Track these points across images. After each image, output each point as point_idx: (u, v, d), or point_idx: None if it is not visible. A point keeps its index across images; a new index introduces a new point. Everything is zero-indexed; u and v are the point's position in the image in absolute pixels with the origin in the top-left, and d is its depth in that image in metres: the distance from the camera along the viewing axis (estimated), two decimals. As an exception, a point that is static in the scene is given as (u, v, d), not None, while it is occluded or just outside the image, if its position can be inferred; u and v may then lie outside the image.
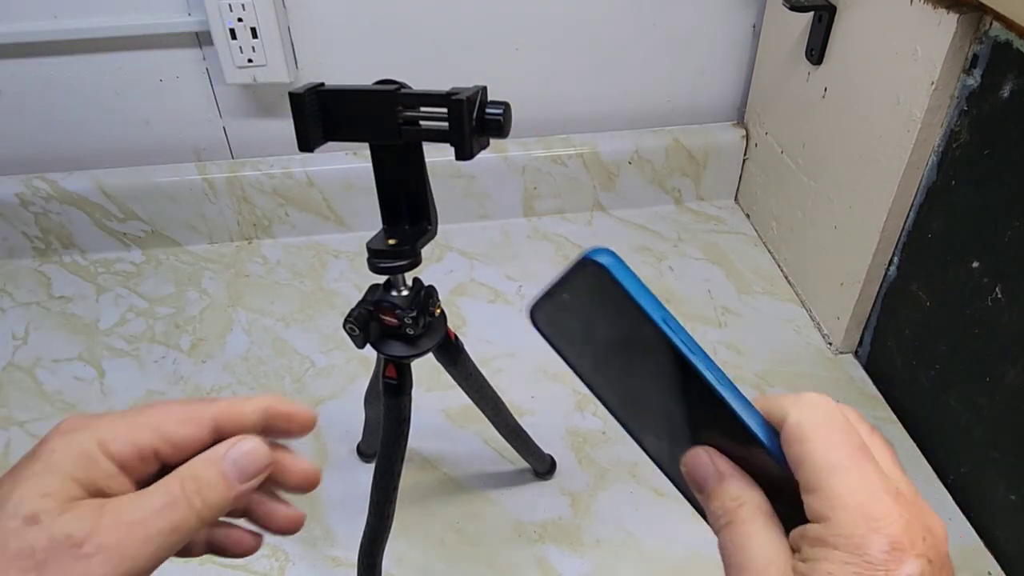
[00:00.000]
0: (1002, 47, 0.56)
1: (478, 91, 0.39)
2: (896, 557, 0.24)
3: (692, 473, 0.29)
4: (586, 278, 0.27)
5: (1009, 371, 0.58)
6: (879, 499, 0.25)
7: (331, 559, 0.61)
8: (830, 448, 0.26)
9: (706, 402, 0.28)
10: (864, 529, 0.24)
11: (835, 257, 0.77)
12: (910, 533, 0.25)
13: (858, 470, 0.25)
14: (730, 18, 0.90)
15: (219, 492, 0.27)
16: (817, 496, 0.25)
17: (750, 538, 0.27)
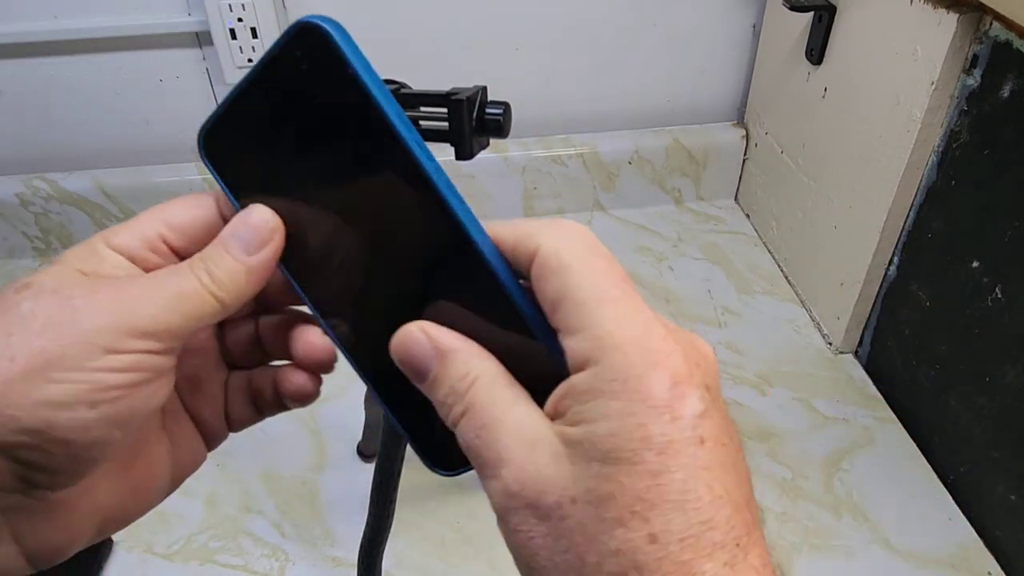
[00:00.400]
0: (1002, 47, 0.56)
1: (478, 91, 0.39)
2: (679, 393, 0.20)
3: (406, 360, 0.23)
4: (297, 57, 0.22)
5: (1009, 371, 0.58)
6: (654, 330, 0.21)
7: (331, 559, 0.61)
8: (596, 277, 0.21)
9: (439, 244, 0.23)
10: (642, 367, 0.20)
11: (835, 257, 0.77)
12: (687, 362, 0.21)
13: (628, 300, 0.21)
14: (730, 18, 0.90)
15: (226, 268, 0.24)
16: (583, 336, 0.21)
17: (498, 421, 0.22)
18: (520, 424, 0.21)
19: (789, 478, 0.66)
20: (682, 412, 0.20)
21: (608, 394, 0.20)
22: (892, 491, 0.65)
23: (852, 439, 0.70)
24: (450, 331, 0.23)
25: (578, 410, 0.20)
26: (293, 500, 0.65)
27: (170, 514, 0.64)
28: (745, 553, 0.20)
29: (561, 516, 0.20)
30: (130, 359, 0.22)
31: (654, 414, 0.20)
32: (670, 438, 0.20)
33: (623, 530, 0.19)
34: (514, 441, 0.21)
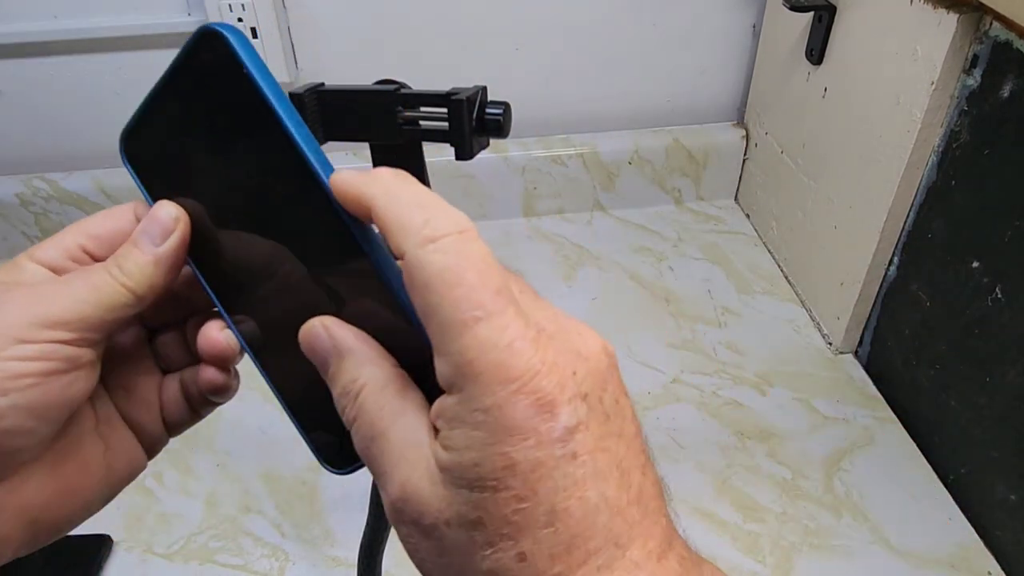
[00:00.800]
0: (1002, 47, 0.56)
1: (478, 91, 0.39)
2: (545, 416, 0.20)
3: (308, 352, 0.24)
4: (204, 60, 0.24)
5: (1009, 371, 0.58)
6: (516, 352, 0.20)
7: (331, 559, 0.61)
8: (461, 297, 0.20)
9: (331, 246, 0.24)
10: (503, 396, 0.20)
11: (835, 257, 0.77)
12: (555, 376, 0.20)
13: (492, 320, 0.20)
14: (730, 18, 0.90)
15: (134, 259, 0.25)
16: (448, 361, 0.21)
17: (382, 435, 0.22)
18: (403, 441, 0.22)
19: (789, 478, 0.66)
20: (549, 435, 0.20)
21: (471, 424, 0.20)
22: (892, 491, 0.65)
23: (852, 439, 0.70)
24: (351, 330, 0.24)
25: (447, 435, 0.21)
26: (293, 500, 0.65)
27: (170, 514, 0.64)
28: (624, 550, 0.21)
29: (439, 536, 0.21)
30: (40, 348, 0.23)
31: (516, 441, 0.20)
32: (536, 462, 0.20)
33: (493, 551, 0.20)
34: (397, 458, 0.22)
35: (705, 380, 0.75)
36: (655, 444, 0.69)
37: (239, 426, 0.71)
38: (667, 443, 0.69)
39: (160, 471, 0.67)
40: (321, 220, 0.24)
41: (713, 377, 0.76)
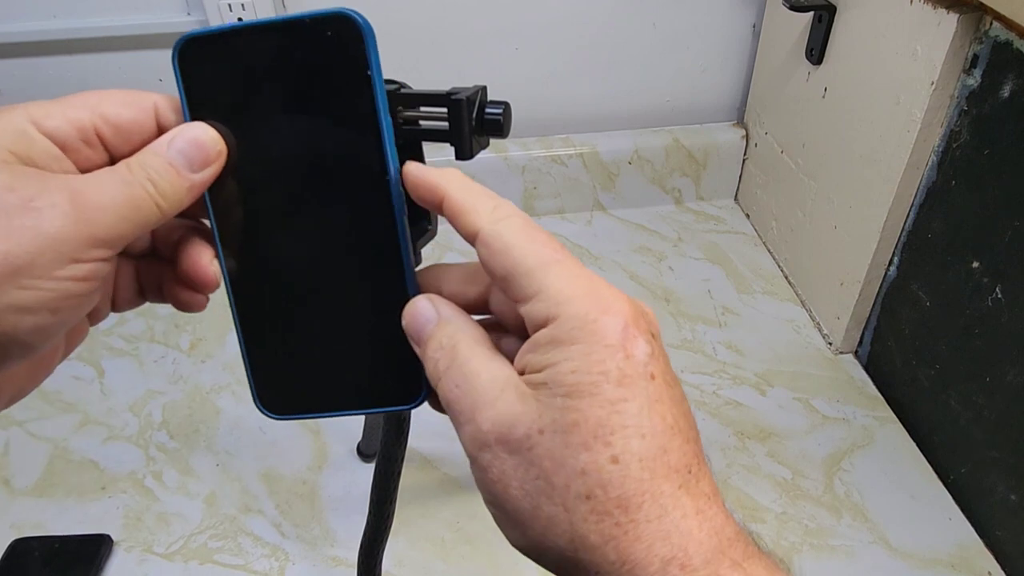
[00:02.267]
0: (1002, 47, 0.56)
1: (478, 91, 0.39)
2: (630, 335, 0.23)
3: (411, 322, 0.26)
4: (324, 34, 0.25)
5: (1009, 371, 0.58)
6: (600, 284, 0.24)
7: (331, 559, 0.61)
8: (536, 247, 0.24)
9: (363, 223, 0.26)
10: (596, 313, 0.23)
11: (835, 257, 0.77)
12: (635, 312, 0.24)
13: (571, 262, 0.24)
14: (730, 18, 0.90)
15: (170, 181, 0.25)
16: (538, 299, 0.23)
17: (474, 374, 0.24)
18: (492, 375, 0.24)
19: (789, 478, 0.66)
20: (634, 351, 0.23)
21: (568, 340, 0.23)
22: (892, 491, 0.65)
23: (852, 439, 0.70)
24: (447, 301, 0.26)
25: (542, 358, 0.23)
26: (293, 500, 0.65)
27: (170, 514, 0.64)
28: (696, 480, 0.23)
29: (530, 447, 0.22)
30: (90, 268, 0.24)
31: (610, 352, 0.22)
32: (625, 373, 0.22)
33: (588, 453, 0.22)
34: (487, 388, 0.24)
35: (705, 380, 0.75)
36: (655, 444, 0.69)
37: (239, 426, 0.71)
38: (667, 443, 0.69)
39: (160, 471, 0.67)
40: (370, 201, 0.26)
41: (713, 377, 0.76)
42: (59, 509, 0.64)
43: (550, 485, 0.22)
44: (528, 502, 0.23)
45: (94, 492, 0.66)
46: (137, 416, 0.72)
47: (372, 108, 0.25)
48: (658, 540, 0.22)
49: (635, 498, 0.22)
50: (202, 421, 0.72)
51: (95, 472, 0.67)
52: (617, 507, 0.22)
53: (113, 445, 0.70)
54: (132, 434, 0.71)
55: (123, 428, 0.71)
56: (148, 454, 0.69)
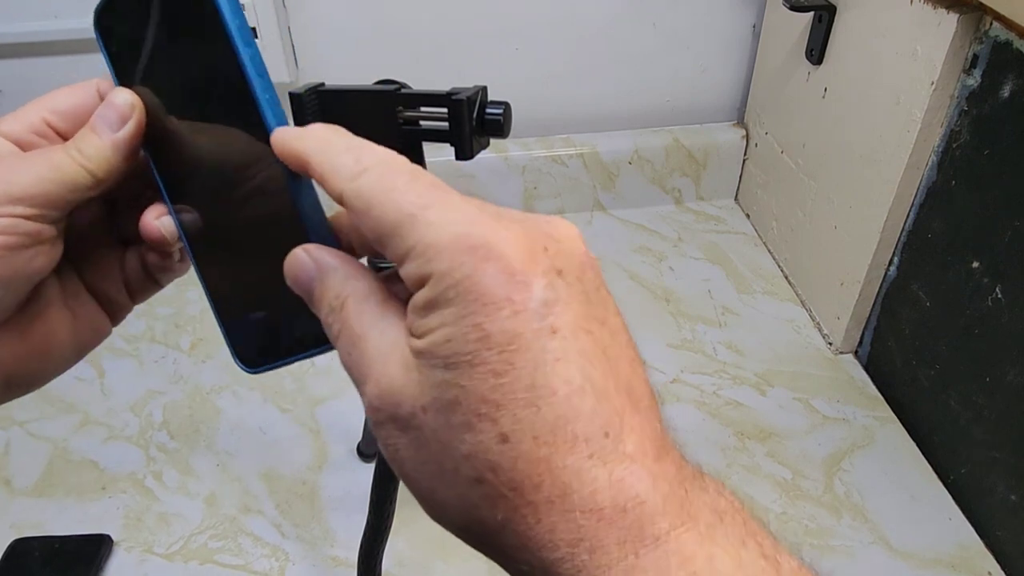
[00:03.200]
0: (1002, 47, 0.56)
1: (478, 91, 0.39)
2: (518, 285, 0.19)
3: (295, 280, 0.24)
4: None
5: (1009, 371, 0.58)
6: (476, 222, 0.20)
7: (331, 559, 0.61)
8: (398, 196, 0.20)
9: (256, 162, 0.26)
10: (470, 265, 0.19)
11: (835, 257, 0.77)
12: (524, 247, 0.20)
13: (438, 205, 0.20)
14: (730, 18, 0.90)
15: (92, 143, 0.26)
16: (410, 257, 0.20)
17: (362, 338, 0.22)
18: (380, 342, 0.21)
19: (789, 478, 0.66)
20: (524, 305, 0.19)
21: (443, 302, 0.19)
22: (892, 491, 0.65)
23: (852, 439, 0.70)
24: (330, 250, 0.24)
25: (420, 324, 0.20)
26: (293, 500, 0.65)
27: (170, 514, 0.64)
28: (616, 442, 0.19)
29: (417, 426, 0.20)
30: (5, 223, 0.25)
31: (490, 311, 0.19)
32: (513, 333, 0.19)
33: (472, 434, 0.19)
34: (374, 356, 0.21)
35: (705, 380, 0.75)
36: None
37: (239, 426, 0.71)
38: (667, 443, 0.69)
39: (160, 471, 0.67)
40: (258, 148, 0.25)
41: (713, 377, 0.76)
42: (59, 509, 0.64)
43: (441, 468, 0.20)
44: (423, 484, 0.21)
45: (94, 492, 0.66)
46: (137, 416, 0.72)
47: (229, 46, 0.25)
48: (561, 522, 0.19)
49: (531, 479, 0.19)
50: (202, 421, 0.72)
51: (95, 472, 0.67)
52: (511, 490, 0.19)
53: (113, 445, 0.70)
54: (132, 434, 0.71)
55: (123, 428, 0.71)
56: (148, 454, 0.69)
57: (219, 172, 0.28)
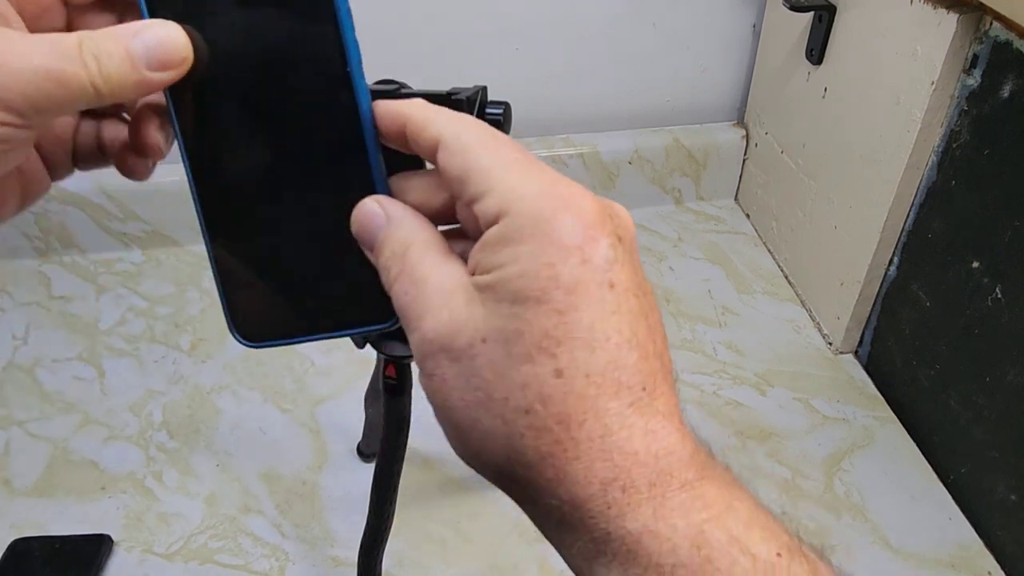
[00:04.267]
0: (1002, 47, 0.56)
1: (478, 91, 0.39)
2: (590, 237, 0.21)
3: (362, 227, 0.25)
4: None
5: (1009, 371, 0.58)
6: (559, 181, 0.22)
7: (331, 559, 0.61)
8: (496, 148, 0.22)
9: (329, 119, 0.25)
10: (551, 211, 0.21)
11: (835, 257, 0.77)
12: (598, 211, 0.22)
13: (532, 163, 0.22)
14: (730, 18, 0.90)
15: (121, 69, 0.23)
16: (490, 195, 0.21)
17: (423, 280, 0.23)
18: (441, 280, 0.22)
19: (789, 478, 0.66)
20: (592, 255, 0.21)
21: (517, 240, 0.21)
22: (892, 491, 0.65)
23: (852, 439, 0.70)
24: (399, 203, 0.25)
25: (491, 259, 0.21)
26: (293, 500, 0.65)
27: (170, 514, 0.64)
28: (652, 398, 0.21)
29: (472, 356, 0.21)
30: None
31: (563, 255, 0.20)
32: (579, 279, 0.21)
33: (530, 365, 0.20)
34: (434, 294, 0.22)
35: (705, 380, 0.75)
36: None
37: (239, 426, 0.71)
38: (667, 443, 0.69)
39: (160, 471, 0.67)
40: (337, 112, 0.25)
41: (713, 377, 0.76)
42: (59, 509, 0.64)
43: (489, 397, 0.21)
44: (468, 413, 0.22)
45: (94, 492, 0.66)
46: (137, 416, 0.72)
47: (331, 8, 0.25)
48: (599, 460, 0.20)
49: (577, 415, 0.20)
50: (202, 421, 0.72)
51: (95, 472, 0.67)
52: (557, 423, 0.20)
53: (113, 445, 0.70)
54: (132, 434, 0.71)
55: (123, 428, 0.71)
56: (148, 454, 0.69)
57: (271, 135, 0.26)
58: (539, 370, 0.20)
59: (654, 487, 0.21)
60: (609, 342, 0.21)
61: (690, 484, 0.21)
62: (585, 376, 0.20)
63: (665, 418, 0.21)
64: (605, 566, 0.21)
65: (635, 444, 0.21)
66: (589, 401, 0.20)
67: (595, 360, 0.20)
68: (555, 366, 0.20)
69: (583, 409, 0.20)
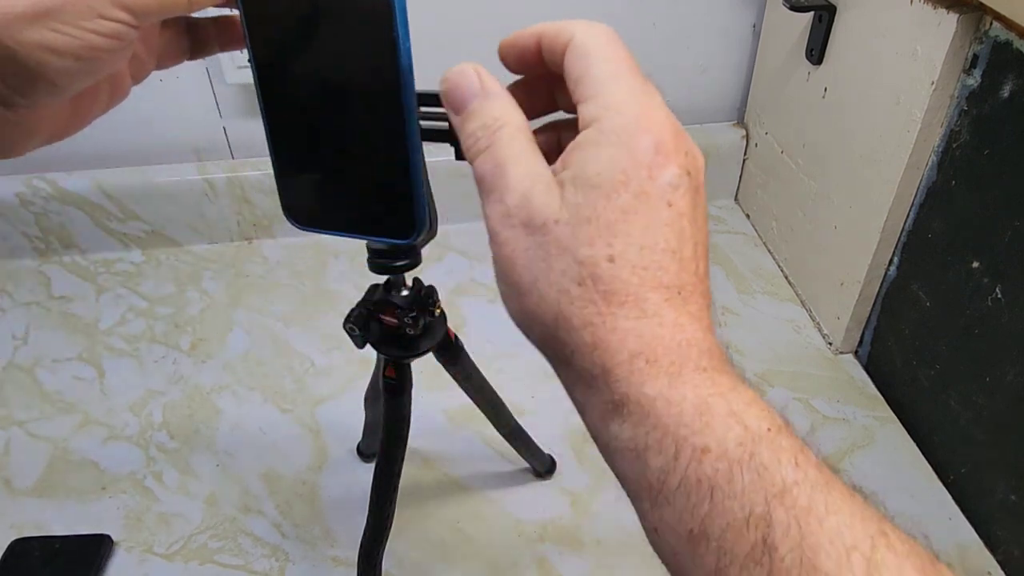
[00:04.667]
0: (1002, 47, 0.56)
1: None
2: (661, 160, 0.25)
3: (454, 87, 0.28)
4: None
5: (1009, 371, 0.58)
6: (655, 107, 0.25)
7: (331, 559, 0.61)
8: (615, 62, 0.26)
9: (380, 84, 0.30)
10: (635, 129, 0.25)
11: (835, 257, 0.77)
12: (676, 142, 0.25)
13: (638, 81, 0.26)
14: (730, 18, 0.90)
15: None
16: (595, 101, 0.25)
17: (512, 160, 0.26)
18: (528, 166, 0.26)
19: (789, 478, 0.66)
20: (659, 174, 0.25)
21: (603, 144, 0.25)
22: (892, 491, 0.65)
23: (852, 439, 0.70)
24: (497, 81, 0.28)
25: (578, 156, 0.25)
26: (293, 500, 0.65)
27: (170, 514, 0.64)
28: (685, 301, 0.25)
29: (545, 232, 0.25)
30: (113, 27, 0.27)
31: (636, 166, 0.25)
32: (644, 190, 0.25)
33: (590, 248, 0.24)
34: (522, 176, 0.26)
35: (705, 380, 0.75)
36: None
37: (239, 426, 0.71)
38: (667, 443, 0.69)
39: (160, 471, 0.67)
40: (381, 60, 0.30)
41: (713, 377, 0.76)
42: (59, 509, 0.64)
43: (550, 268, 0.25)
44: (528, 277, 0.25)
45: (94, 492, 0.66)
46: (137, 416, 0.72)
47: None
48: (631, 335, 0.24)
49: (620, 296, 0.24)
50: (202, 421, 0.72)
51: (95, 472, 0.67)
52: (602, 299, 0.24)
53: (113, 445, 0.70)
54: (132, 434, 0.71)
55: (123, 428, 0.71)
56: (148, 454, 0.69)
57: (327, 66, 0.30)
58: (596, 253, 0.24)
59: (673, 365, 0.24)
60: (657, 247, 0.25)
61: (704, 370, 0.24)
62: (632, 267, 0.24)
63: (693, 318, 0.25)
64: (619, 424, 0.24)
65: (664, 330, 0.24)
66: (632, 288, 0.24)
67: (642, 257, 0.24)
68: (610, 253, 0.24)
69: (626, 293, 0.24)
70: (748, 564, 0.21)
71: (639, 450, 0.24)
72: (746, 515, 0.22)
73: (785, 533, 0.21)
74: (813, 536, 0.21)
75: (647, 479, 0.24)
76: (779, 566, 0.21)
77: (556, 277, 0.25)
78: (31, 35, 0.25)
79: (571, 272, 0.24)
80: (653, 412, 0.23)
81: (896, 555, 0.21)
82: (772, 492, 0.22)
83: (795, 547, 0.21)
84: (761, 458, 0.22)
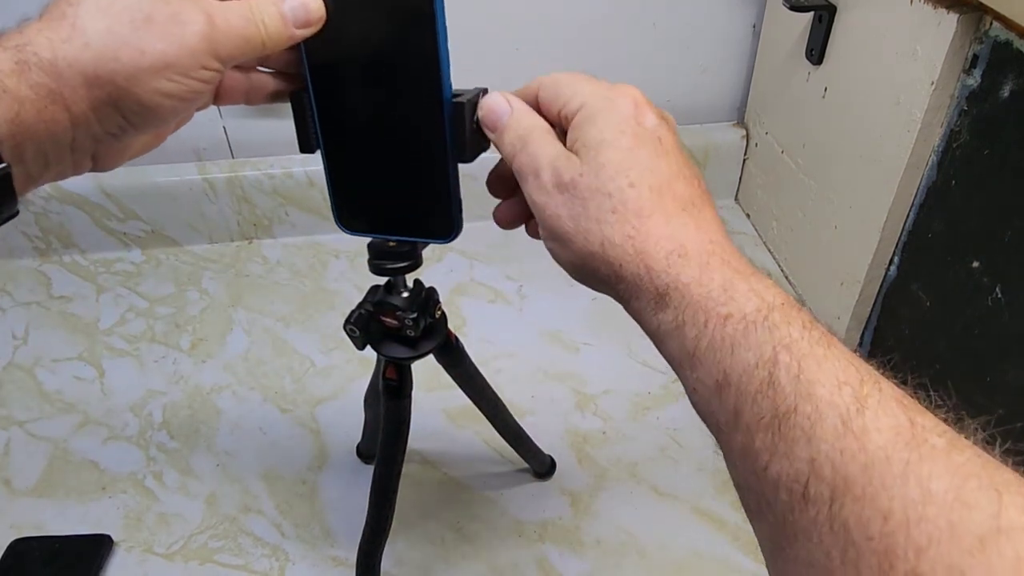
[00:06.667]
0: (1002, 47, 0.56)
1: (478, 93, 0.39)
2: (643, 111, 0.33)
3: (490, 111, 0.36)
4: None
5: (1009, 371, 0.58)
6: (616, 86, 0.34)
7: (331, 559, 0.61)
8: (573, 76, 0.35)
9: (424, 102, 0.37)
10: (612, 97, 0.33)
11: (835, 257, 0.77)
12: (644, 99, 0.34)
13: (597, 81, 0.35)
14: (730, 18, 0.90)
15: (277, 28, 0.33)
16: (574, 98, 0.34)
17: (539, 150, 0.33)
18: (552, 152, 0.33)
19: (789, 478, 0.66)
20: (644, 120, 0.33)
21: (595, 116, 0.33)
22: (892, 491, 0.65)
23: (852, 439, 0.69)
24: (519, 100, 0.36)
25: (579, 133, 0.33)
26: (293, 500, 0.65)
27: (170, 514, 0.64)
28: (698, 210, 0.32)
29: (574, 186, 0.32)
30: (210, 75, 0.33)
31: (626, 119, 0.32)
32: (637, 133, 0.32)
33: (612, 182, 0.31)
34: (549, 157, 0.33)
35: (705, 380, 0.75)
36: (655, 444, 0.69)
37: (239, 426, 0.71)
38: (667, 443, 0.69)
39: (160, 471, 0.67)
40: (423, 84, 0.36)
41: (713, 377, 0.76)
42: (59, 509, 0.65)
43: (586, 208, 0.31)
44: (572, 223, 0.32)
45: (94, 492, 0.66)
46: (137, 416, 0.72)
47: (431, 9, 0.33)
48: (664, 239, 0.30)
49: (646, 210, 0.31)
50: (202, 421, 0.72)
51: (95, 472, 0.67)
52: (635, 216, 0.31)
53: (113, 445, 0.70)
54: (132, 434, 0.71)
55: (123, 428, 0.71)
56: (148, 454, 0.69)
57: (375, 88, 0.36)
58: (619, 183, 0.31)
59: (701, 255, 0.30)
60: (661, 171, 0.32)
61: (727, 261, 0.31)
62: (649, 188, 0.31)
63: (709, 222, 0.32)
64: (663, 311, 0.30)
65: (689, 231, 0.31)
66: (655, 202, 0.31)
67: (655, 179, 0.31)
68: (628, 181, 0.31)
69: (651, 207, 0.31)
70: (756, 397, 0.26)
71: (679, 326, 0.29)
72: (757, 359, 0.27)
73: (787, 370, 0.26)
74: (811, 372, 0.25)
75: (685, 348, 0.29)
76: (780, 394, 0.25)
77: (594, 213, 0.31)
78: (154, 84, 0.31)
79: (605, 205, 0.31)
80: (688, 294, 0.29)
81: (882, 391, 0.25)
82: (780, 343, 0.27)
83: (794, 379, 0.25)
84: (773, 319, 0.28)
